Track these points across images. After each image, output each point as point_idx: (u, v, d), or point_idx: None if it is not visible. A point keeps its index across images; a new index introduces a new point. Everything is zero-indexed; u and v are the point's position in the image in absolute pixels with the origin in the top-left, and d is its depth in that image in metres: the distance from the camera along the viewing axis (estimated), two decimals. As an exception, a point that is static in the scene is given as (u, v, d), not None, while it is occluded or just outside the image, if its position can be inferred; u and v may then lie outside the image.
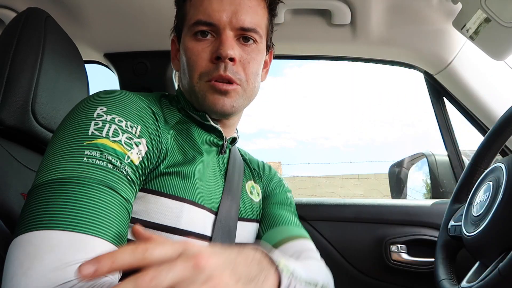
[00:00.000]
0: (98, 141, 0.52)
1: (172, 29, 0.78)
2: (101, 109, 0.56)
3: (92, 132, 0.53)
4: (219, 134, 0.73)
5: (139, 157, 0.55)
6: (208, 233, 0.65)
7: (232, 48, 0.65)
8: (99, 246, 0.45)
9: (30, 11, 0.79)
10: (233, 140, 0.78)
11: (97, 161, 0.51)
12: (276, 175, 0.91)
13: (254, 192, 0.84)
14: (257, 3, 0.70)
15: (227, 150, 0.79)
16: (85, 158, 0.50)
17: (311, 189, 7.45)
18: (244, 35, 0.68)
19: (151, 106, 0.63)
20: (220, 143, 0.74)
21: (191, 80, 0.68)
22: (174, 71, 1.37)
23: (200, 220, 0.64)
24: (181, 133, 0.68)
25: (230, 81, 0.66)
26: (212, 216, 0.67)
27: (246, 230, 0.76)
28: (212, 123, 0.70)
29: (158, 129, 0.62)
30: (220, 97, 0.66)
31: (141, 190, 0.59)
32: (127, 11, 1.17)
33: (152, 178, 0.60)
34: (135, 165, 0.55)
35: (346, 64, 1.84)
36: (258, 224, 0.82)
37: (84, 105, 0.58)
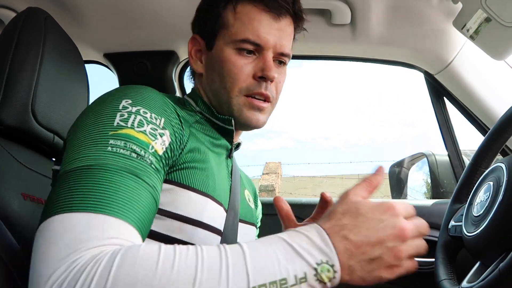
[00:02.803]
0: (123, 131, 0.54)
1: (195, 28, 0.78)
2: (126, 101, 0.58)
3: (118, 123, 0.55)
4: (230, 140, 0.77)
5: (163, 148, 0.57)
6: (222, 229, 0.68)
7: (274, 71, 0.71)
8: (116, 225, 0.46)
9: (30, 11, 0.79)
10: (238, 145, 0.82)
11: (121, 150, 0.52)
12: (256, 194, 0.97)
13: (250, 199, 0.89)
14: (292, 30, 0.76)
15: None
16: (109, 148, 0.52)
17: (311, 189, 7.45)
18: (280, 59, 0.74)
19: (171, 100, 0.66)
20: (230, 147, 0.78)
21: (228, 92, 0.71)
22: (174, 71, 1.37)
23: (218, 215, 0.67)
24: (198, 133, 0.71)
25: (266, 99, 0.72)
26: (224, 214, 0.69)
27: (246, 232, 0.79)
28: (233, 127, 0.74)
29: (180, 123, 0.64)
30: (256, 113, 0.72)
31: (169, 182, 0.61)
32: (127, 11, 1.17)
33: (177, 170, 0.62)
34: (159, 155, 0.56)
35: (346, 64, 1.84)
36: (255, 228, 0.86)
37: (109, 97, 0.60)
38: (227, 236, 0.69)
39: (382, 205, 0.48)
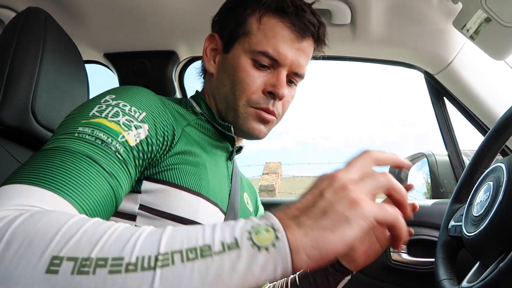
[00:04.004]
0: (95, 120, 0.54)
1: (215, 26, 0.78)
2: (110, 96, 0.59)
3: (93, 113, 0.55)
4: (232, 142, 0.77)
5: (136, 139, 0.56)
6: None
7: (286, 89, 0.71)
8: (52, 200, 0.43)
9: (30, 11, 0.79)
10: (239, 149, 0.81)
11: (87, 136, 0.52)
12: (257, 198, 0.96)
13: (249, 203, 0.88)
14: (311, 52, 0.76)
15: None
16: (76, 134, 0.52)
17: (311, 189, 7.41)
18: (292, 79, 0.74)
19: (167, 102, 0.67)
20: (231, 149, 0.78)
21: (236, 100, 0.71)
22: (174, 71, 1.37)
23: (213, 216, 0.66)
24: (196, 132, 0.71)
25: (272, 114, 0.72)
26: (222, 216, 0.69)
27: None
28: (232, 134, 0.74)
29: (169, 120, 0.63)
30: (260, 125, 0.73)
31: (161, 182, 0.61)
32: (127, 11, 1.17)
33: (168, 169, 0.62)
34: (129, 145, 0.55)
35: (346, 64, 1.84)
36: None
37: (98, 94, 0.61)
38: None
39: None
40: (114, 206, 0.53)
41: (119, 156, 0.53)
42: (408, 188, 0.62)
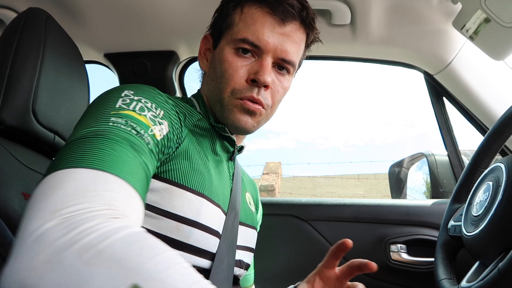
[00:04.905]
0: (125, 112, 0.55)
1: (209, 27, 0.78)
2: (128, 91, 0.60)
3: (120, 105, 0.56)
4: (232, 142, 0.76)
5: (161, 134, 0.58)
6: (220, 231, 0.67)
7: (270, 76, 0.68)
8: (121, 185, 0.45)
9: (30, 11, 0.79)
10: (241, 148, 0.81)
11: (122, 126, 0.52)
12: (258, 197, 0.96)
13: (252, 203, 0.88)
14: (301, 38, 0.73)
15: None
16: (111, 123, 0.52)
17: (311, 189, 7.45)
18: (281, 65, 0.71)
19: (173, 100, 0.67)
20: (232, 149, 0.77)
21: (221, 92, 0.70)
22: (174, 71, 1.37)
23: (216, 217, 0.66)
24: (198, 134, 0.71)
25: (258, 103, 0.69)
26: (223, 216, 0.69)
27: (247, 235, 0.79)
28: (229, 134, 0.74)
29: (179, 121, 0.64)
30: (246, 115, 0.70)
31: (165, 181, 0.61)
32: (127, 11, 1.17)
33: (172, 169, 0.62)
34: (156, 139, 0.56)
35: (346, 64, 1.84)
36: (255, 232, 0.85)
37: (111, 90, 0.61)
38: (226, 238, 0.68)
39: None
40: (145, 195, 0.53)
41: (150, 148, 0.54)
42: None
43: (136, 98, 0.58)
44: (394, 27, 1.14)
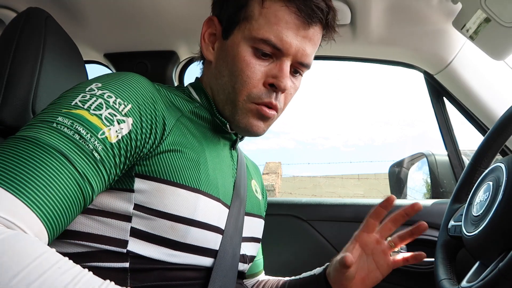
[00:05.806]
0: (77, 111, 0.52)
1: (213, 6, 0.73)
2: (96, 84, 0.57)
3: (76, 103, 0.53)
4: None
5: (117, 135, 0.53)
6: (222, 226, 0.64)
7: (289, 81, 0.66)
8: (21, 211, 0.44)
9: (30, 11, 0.79)
10: (242, 136, 0.77)
11: (65, 128, 0.50)
12: (262, 182, 0.94)
13: (258, 190, 0.85)
14: (319, 40, 0.69)
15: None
16: (54, 124, 0.50)
17: (311, 189, 7.45)
18: (297, 68, 0.68)
19: (162, 90, 0.63)
20: (234, 138, 0.74)
21: (236, 94, 0.66)
22: (174, 71, 1.37)
23: (215, 212, 0.63)
24: (195, 123, 0.67)
25: (274, 109, 0.67)
26: (226, 210, 0.66)
27: (252, 225, 0.77)
28: (230, 130, 0.70)
29: (159, 111, 0.59)
30: (260, 121, 0.67)
31: (155, 180, 0.57)
32: (127, 11, 1.17)
33: (160, 165, 0.58)
34: (109, 142, 0.52)
35: (346, 64, 1.84)
36: (262, 220, 0.82)
37: (86, 80, 0.59)
38: (229, 233, 0.65)
39: None
40: (81, 207, 0.51)
41: (95, 154, 0.51)
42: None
43: (99, 93, 0.55)
44: (394, 27, 1.14)
